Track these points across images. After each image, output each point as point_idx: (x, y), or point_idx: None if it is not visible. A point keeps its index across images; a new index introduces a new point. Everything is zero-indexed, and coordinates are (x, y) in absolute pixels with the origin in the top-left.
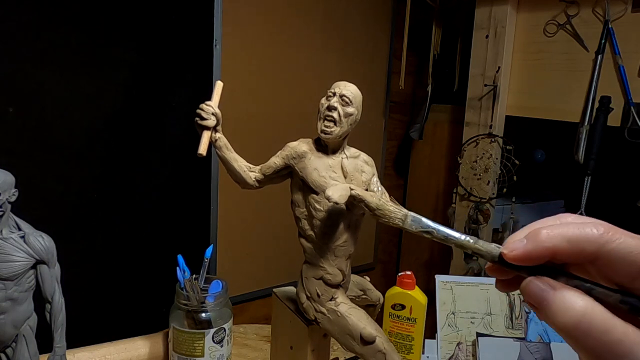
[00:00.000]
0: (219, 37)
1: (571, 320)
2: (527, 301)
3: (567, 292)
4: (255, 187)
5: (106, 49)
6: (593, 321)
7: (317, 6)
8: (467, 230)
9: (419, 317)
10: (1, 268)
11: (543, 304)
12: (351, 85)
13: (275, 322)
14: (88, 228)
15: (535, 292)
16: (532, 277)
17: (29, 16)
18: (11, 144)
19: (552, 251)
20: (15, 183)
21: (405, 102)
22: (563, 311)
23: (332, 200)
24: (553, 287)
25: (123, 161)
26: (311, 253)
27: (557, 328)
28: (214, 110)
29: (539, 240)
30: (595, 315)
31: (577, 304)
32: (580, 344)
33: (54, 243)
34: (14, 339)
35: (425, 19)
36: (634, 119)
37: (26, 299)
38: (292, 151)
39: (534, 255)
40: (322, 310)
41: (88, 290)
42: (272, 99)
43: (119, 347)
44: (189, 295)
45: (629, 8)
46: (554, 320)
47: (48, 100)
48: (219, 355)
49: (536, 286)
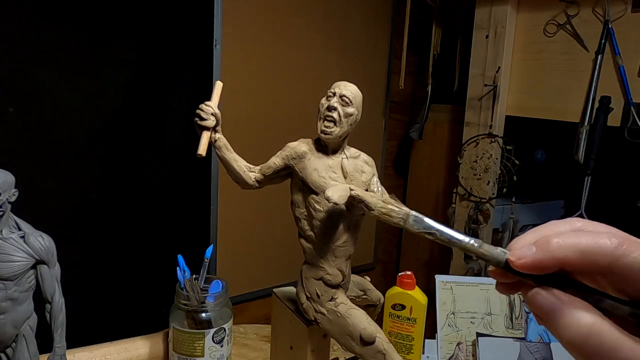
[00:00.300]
0: (219, 37)
1: (579, 337)
2: (533, 312)
3: (576, 307)
4: (255, 188)
5: (106, 49)
6: (601, 338)
7: (317, 6)
8: (467, 231)
9: (419, 317)
10: (1, 268)
11: (550, 318)
12: (351, 86)
13: (275, 323)
14: (88, 228)
15: (542, 305)
16: (539, 289)
17: (29, 16)
18: (11, 144)
19: (563, 262)
20: (15, 183)
21: (405, 102)
22: (571, 327)
23: (332, 201)
24: (561, 301)
25: (123, 161)
26: (311, 253)
27: (563, 343)
28: (213, 110)
29: (550, 250)
30: (604, 332)
31: (586, 320)
32: (594, 354)
33: (54, 243)
34: (14, 339)
35: (425, 19)
36: (634, 119)
37: (26, 299)
38: (292, 151)
39: (543, 265)
40: (322, 310)
41: (88, 290)
42: (272, 99)
43: (119, 347)
44: (189, 295)
45: (629, 8)
46: (562, 334)
47: (48, 100)
48: (219, 355)
49: (544, 299)
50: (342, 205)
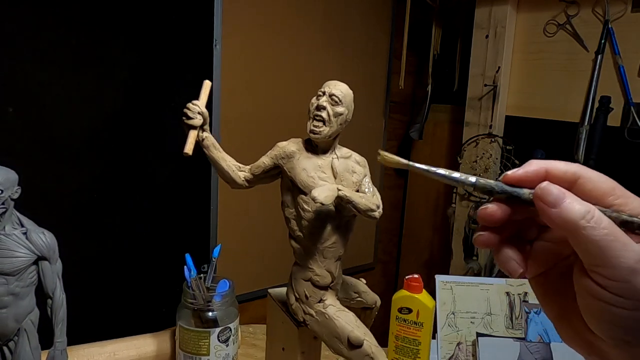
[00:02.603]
0: (219, 37)
1: (582, 210)
2: (540, 199)
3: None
4: (246, 187)
5: (106, 49)
6: (601, 215)
7: (317, 6)
8: (467, 231)
9: (426, 321)
10: (3, 263)
11: (558, 200)
12: (341, 85)
13: (269, 323)
14: (87, 228)
15: (552, 190)
16: (548, 182)
17: (29, 16)
18: (11, 144)
19: (546, 169)
20: (18, 181)
21: (405, 102)
22: (576, 204)
23: (318, 201)
24: (564, 191)
25: (123, 161)
26: (300, 254)
27: (567, 219)
28: (200, 109)
29: (534, 164)
30: (601, 215)
31: (586, 205)
32: (588, 233)
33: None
34: (16, 333)
35: (425, 19)
36: (633, 119)
37: (28, 294)
38: (281, 151)
39: (531, 173)
40: (311, 312)
41: (88, 289)
42: (272, 99)
43: (128, 343)
44: (195, 294)
45: (629, 8)
46: (568, 211)
47: (48, 100)
48: (224, 355)
49: (553, 187)
50: (329, 205)
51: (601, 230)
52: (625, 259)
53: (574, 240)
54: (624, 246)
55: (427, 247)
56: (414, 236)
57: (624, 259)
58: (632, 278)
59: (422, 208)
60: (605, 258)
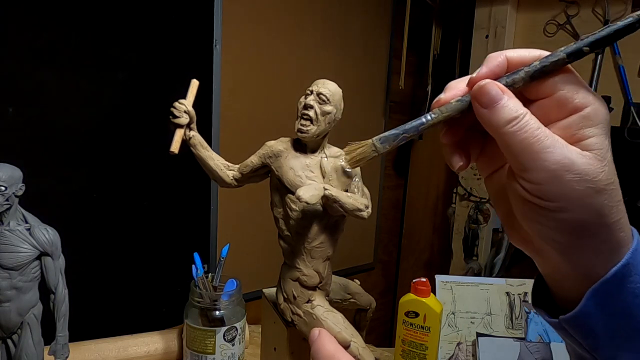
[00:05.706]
0: (219, 37)
1: (511, 114)
2: (475, 98)
3: (515, 98)
4: (235, 186)
5: (106, 49)
6: (529, 120)
7: (317, 6)
8: (467, 231)
9: (433, 325)
10: (6, 258)
11: (492, 101)
12: (330, 83)
13: (263, 323)
14: (86, 228)
15: (489, 90)
16: (489, 80)
17: (29, 16)
18: (11, 144)
19: (506, 57)
20: (22, 178)
21: (405, 102)
22: (508, 108)
23: (303, 200)
24: (503, 91)
25: (122, 161)
26: (288, 254)
27: (493, 122)
28: (186, 108)
29: (492, 57)
30: (530, 119)
31: (522, 107)
32: (516, 137)
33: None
34: (19, 327)
35: (425, 19)
36: (634, 119)
37: (31, 288)
38: (269, 150)
39: (495, 68)
40: (299, 312)
41: (89, 288)
42: (272, 99)
43: (138, 340)
44: (201, 292)
45: (629, 8)
46: (496, 114)
47: (48, 100)
48: (230, 354)
49: (492, 87)
50: (316, 205)
51: (522, 134)
52: (547, 162)
53: (499, 143)
54: (544, 149)
55: (427, 247)
56: (414, 236)
57: (545, 162)
58: (554, 180)
59: (422, 208)
60: (527, 162)
